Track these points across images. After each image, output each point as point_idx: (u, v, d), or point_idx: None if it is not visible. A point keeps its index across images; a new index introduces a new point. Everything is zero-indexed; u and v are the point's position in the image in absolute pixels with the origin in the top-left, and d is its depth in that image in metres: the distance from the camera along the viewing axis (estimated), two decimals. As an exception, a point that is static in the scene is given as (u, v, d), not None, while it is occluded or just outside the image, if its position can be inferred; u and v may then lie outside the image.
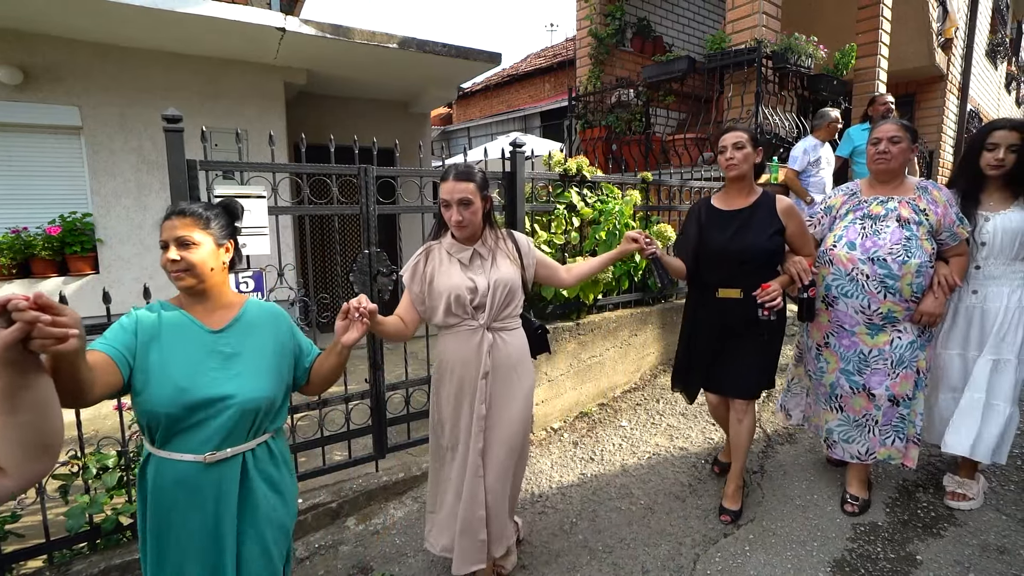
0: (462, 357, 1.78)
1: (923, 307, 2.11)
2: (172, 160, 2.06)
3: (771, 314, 2.07)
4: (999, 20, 10.02)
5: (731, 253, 2.15)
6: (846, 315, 2.20)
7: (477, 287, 1.76)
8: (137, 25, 4.01)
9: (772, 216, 2.17)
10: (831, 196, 2.36)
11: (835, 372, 2.28)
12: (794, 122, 5.22)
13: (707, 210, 2.28)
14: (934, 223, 2.09)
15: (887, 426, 2.22)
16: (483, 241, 1.84)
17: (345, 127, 6.01)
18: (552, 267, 2.02)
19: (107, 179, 4.45)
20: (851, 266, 2.14)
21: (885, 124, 2.17)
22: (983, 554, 2.11)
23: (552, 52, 13.32)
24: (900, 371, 2.16)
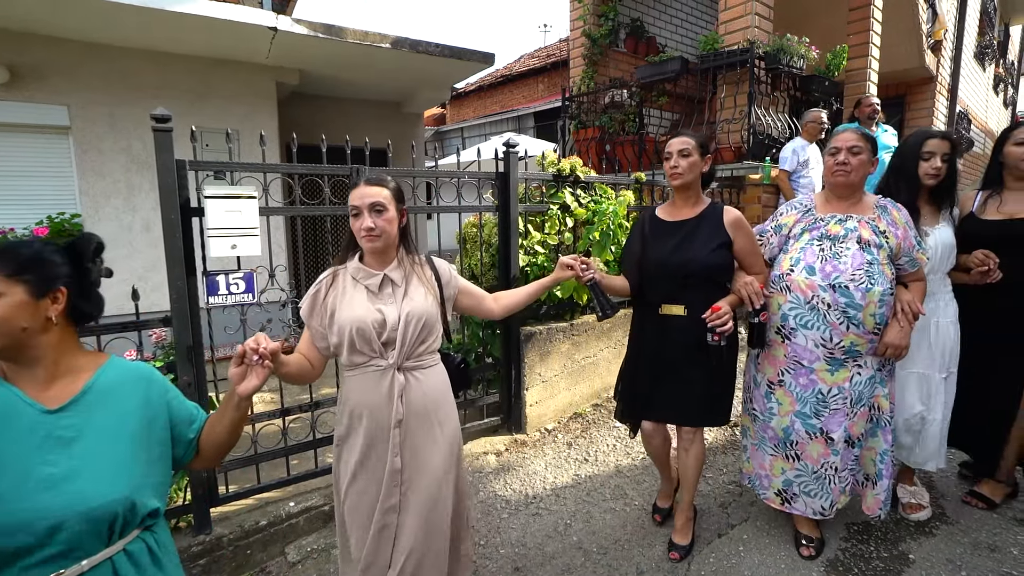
0: (370, 403, 1.51)
1: (888, 339, 1.88)
2: (161, 160, 2.03)
3: (721, 339, 1.87)
4: (987, 22, 10.13)
5: (672, 267, 1.97)
6: (805, 349, 1.95)
7: (386, 319, 1.50)
8: (126, 24, 3.97)
9: (718, 228, 1.98)
10: (782, 213, 2.13)
11: (789, 415, 2.01)
12: (786, 123, 5.24)
13: (651, 221, 2.11)
14: (894, 247, 1.90)
15: (845, 471, 2.00)
16: (397, 265, 1.59)
17: (338, 127, 5.98)
18: (477, 296, 1.79)
19: (96, 179, 4.41)
20: (811, 293, 1.90)
21: (844, 132, 1.97)
22: (974, 552, 2.12)
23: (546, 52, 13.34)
24: (858, 409, 1.96)
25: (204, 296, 2.18)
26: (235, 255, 2.20)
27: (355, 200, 1.52)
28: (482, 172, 2.95)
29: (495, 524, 2.45)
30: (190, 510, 2.19)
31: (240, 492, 2.36)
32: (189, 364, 2.13)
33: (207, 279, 2.18)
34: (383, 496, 1.51)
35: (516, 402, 3.15)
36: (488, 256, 3.13)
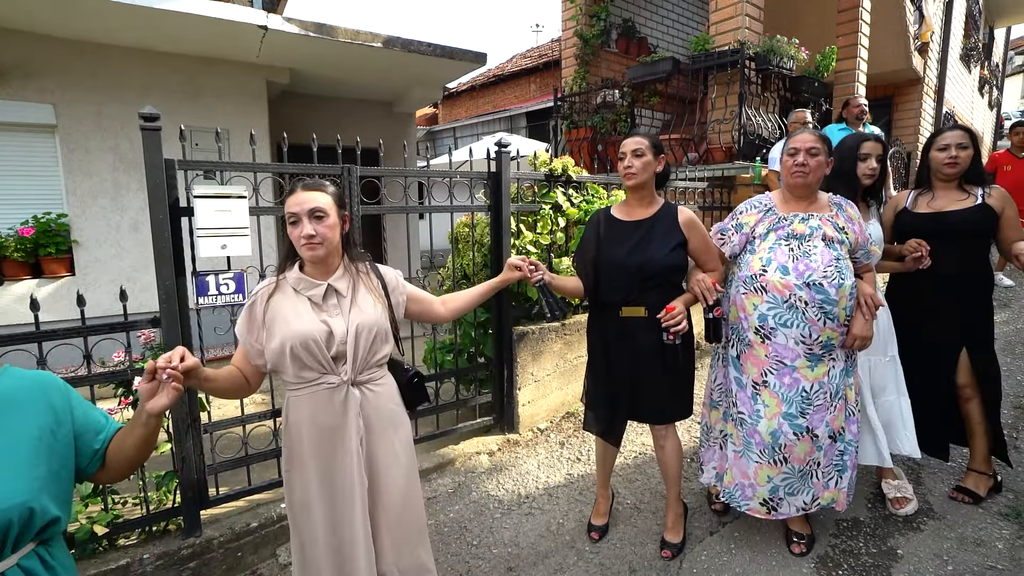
0: (326, 422, 1.43)
1: (856, 331, 1.96)
2: (149, 159, 2.01)
3: (676, 338, 1.91)
4: (972, 25, 10.27)
5: (631, 267, 1.96)
6: (786, 348, 1.96)
7: (333, 332, 1.42)
8: (113, 21, 3.92)
9: (674, 228, 2.00)
10: (742, 211, 2.16)
11: (776, 417, 1.98)
12: (776, 123, 5.28)
13: (607, 221, 2.09)
14: (853, 242, 1.99)
15: (829, 466, 2.04)
16: (341, 273, 1.51)
17: (329, 127, 5.95)
18: (425, 301, 1.74)
19: (83, 179, 4.36)
20: (788, 292, 1.93)
21: (802, 134, 2.00)
22: (961, 547, 2.15)
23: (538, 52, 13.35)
24: (836, 403, 2.00)
25: (193, 297, 2.16)
26: (225, 255, 2.18)
27: (293, 207, 1.43)
28: (474, 172, 2.95)
29: (488, 524, 2.45)
30: (179, 513, 2.17)
31: (231, 494, 2.34)
32: (178, 365, 2.11)
33: (196, 279, 2.16)
34: (352, 517, 1.43)
35: (509, 402, 3.16)
36: (480, 256, 3.14)
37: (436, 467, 2.83)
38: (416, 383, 1.69)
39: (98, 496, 2.01)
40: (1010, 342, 3.97)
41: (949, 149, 2.28)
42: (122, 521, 2.06)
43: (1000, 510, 2.35)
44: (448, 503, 2.61)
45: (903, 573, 2.03)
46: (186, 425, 2.13)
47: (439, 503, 2.61)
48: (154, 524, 2.16)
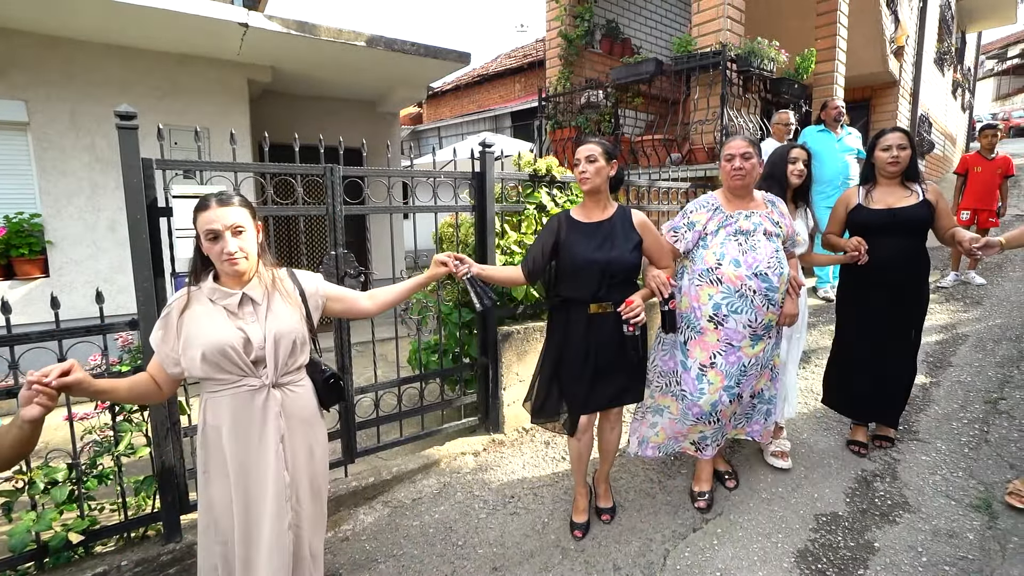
0: (243, 425, 1.45)
1: (786, 310, 2.29)
2: (126, 159, 1.97)
3: (636, 329, 2.06)
4: (945, 30, 10.52)
5: (599, 265, 2.07)
6: (735, 332, 2.21)
7: (250, 339, 1.44)
8: (88, 16, 3.84)
9: (631, 230, 2.15)
10: (692, 211, 2.35)
11: (718, 391, 2.24)
12: (758, 124, 5.36)
13: (568, 223, 2.18)
14: (785, 234, 2.28)
15: (740, 416, 2.42)
16: (256, 281, 1.52)
17: (312, 126, 5.89)
18: (349, 299, 1.78)
19: (57, 178, 4.25)
20: (739, 283, 2.17)
21: (735, 141, 2.24)
22: (935, 539, 2.21)
23: (522, 53, 13.36)
24: (763, 372, 2.34)
25: (173, 298, 2.12)
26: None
27: (212, 223, 1.42)
28: (458, 172, 2.95)
29: (473, 524, 2.45)
30: (159, 518, 2.13)
31: (212, 498, 2.31)
32: (157, 368, 2.08)
33: (176, 280, 2.13)
34: (276, 514, 1.47)
35: (494, 402, 3.16)
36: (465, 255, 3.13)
37: (421, 468, 2.82)
38: (332, 383, 1.71)
39: (73, 502, 1.97)
40: (981, 339, 4.08)
41: (891, 149, 2.55)
42: (99, 527, 2.02)
43: (971, 502, 2.42)
44: (433, 504, 2.61)
45: (880, 566, 2.08)
46: (165, 428, 2.10)
47: (424, 504, 2.61)
48: (132, 530, 2.12)
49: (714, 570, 2.10)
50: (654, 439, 2.49)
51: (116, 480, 2.06)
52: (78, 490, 1.99)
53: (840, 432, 3.08)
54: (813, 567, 2.09)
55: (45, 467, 1.96)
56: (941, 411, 3.21)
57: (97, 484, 2.04)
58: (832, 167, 4.94)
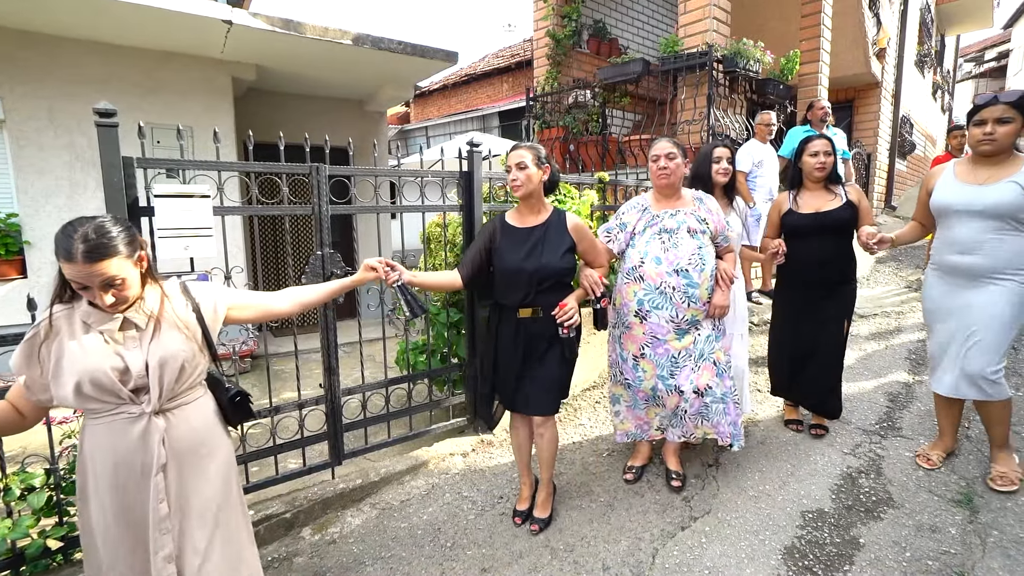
0: (122, 451, 1.33)
1: (715, 301, 2.34)
2: (105, 157, 1.93)
3: (570, 331, 2.11)
4: (925, 33, 10.71)
5: (527, 272, 2.12)
6: (658, 326, 2.33)
7: (129, 367, 1.32)
8: (66, 11, 3.76)
9: (564, 234, 2.18)
10: (624, 212, 2.47)
11: (653, 378, 2.39)
12: (744, 124, 5.41)
13: (502, 227, 2.23)
14: (713, 230, 2.36)
15: (696, 415, 2.43)
16: (139, 304, 1.38)
17: (298, 125, 5.83)
18: (259, 304, 1.64)
19: (36, 177, 4.16)
20: (660, 280, 2.29)
21: (660, 142, 2.33)
22: (918, 533, 2.24)
23: (510, 52, 13.35)
24: (701, 364, 2.37)
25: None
26: (188, 256, 2.11)
27: (79, 278, 1.25)
28: (446, 171, 2.93)
29: (462, 525, 2.44)
30: (141, 523, 2.09)
31: (196, 503, 2.27)
32: (139, 371, 2.04)
33: (157, 281, 2.09)
34: (153, 547, 1.35)
35: (482, 402, 3.15)
36: (453, 256, 3.12)
37: (409, 469, 2.81)
38: (239, 402, 1.59)
39: (53, 509, 1.92)
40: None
41: (819, 155, 2.71)
42: (78, 534, 1.97)
43: (953, 497, 2.45)
44: (422, 505, 2.59)
45: (865, 561, 2.10)
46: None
47: (412, 505, 2.59)
48: (114, 536, 2.08)
49: (703, 568, 2.11)
50: (621, 426, 2.63)
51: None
52: (57, 496, 1.94)
53: (825, 429, 3.12)
54: (800, 564, 2.11)
55: (22, 473, 1.92)
56: (924, 408, 3.26)
57: (76, 490, 2.00)
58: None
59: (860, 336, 4.53)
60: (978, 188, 2.24)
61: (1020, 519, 2.29)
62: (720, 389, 2.41)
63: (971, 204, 2.24)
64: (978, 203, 2.22)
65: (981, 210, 2.22)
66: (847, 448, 2.92)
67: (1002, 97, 2.18)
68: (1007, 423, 2.43)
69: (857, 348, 4.30)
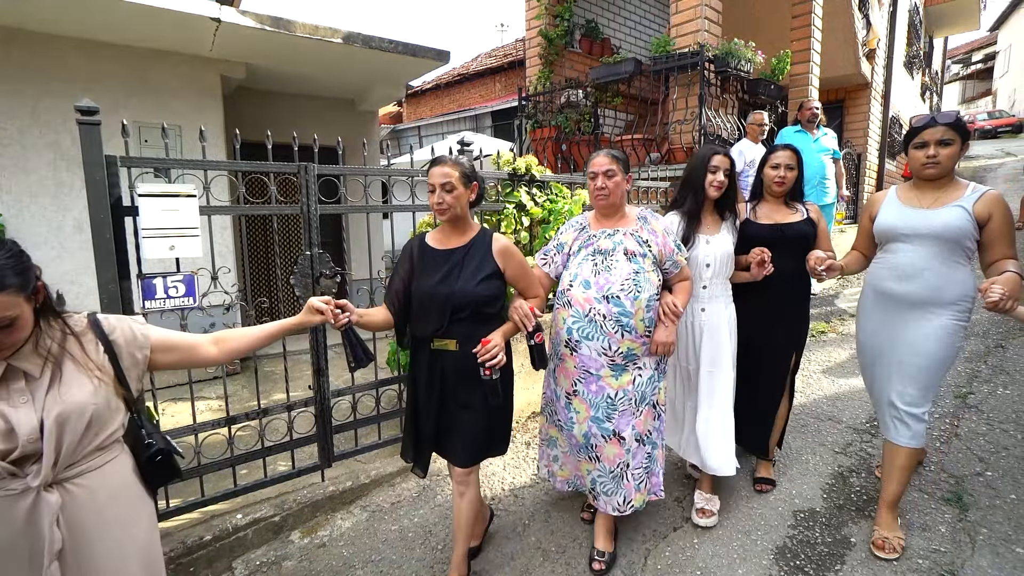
0: (6, 539, 1.09)
1: (657, 338, 2.03)
2: (88, 156, 1.90)
3: (493, 373, 1.80)
4: (914, 34, 10.81)
5: (439, 299, 1.85)
6: (590, 358, 2.03)
7: (15, 429, 1.07)
8: (50, 7, 3.70)
9: (487, 258, 1.91)
10: (563, 232, 2.21)
11: (586, 421, 2.06)
12: (735, 124, 5.42)
13: (420, 250, 1.96)
14: (656, 254, 2.05)
15: (639, 468, 2.08)
16: (32, 349, 1.15)
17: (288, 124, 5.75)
18: (185, 346, 1.40)
19: (19, 176, 4.09)
20: (588, 306, 2.00)
21: (598, 157, 2.06)
22: (908, 532, 2.24)
23: (503, 52, 13.34)
24: (643, 408, 2.06)
25: (140, 300, 2.05)
26: (174, 257, 2.08)
27: None
28: (437, 171, 2.90)
29: (452, 528, 2.42)
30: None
31: (182, 506, 2.25)
32: (123, 373, 2.00)
33: (143, 282, 2.06)
34: None
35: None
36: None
37: (400, 471, 2.78)
38: (160, 461, 1.34)
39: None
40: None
41: (780, 168, 2.43)
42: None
43: (943, 495, 2.47)
44: (413, 507, 2.57)
45: (856, 560, 2.10)
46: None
47: (403, 507, 2.57)
48: (98, 542, 2.04)
49: (695, 568, 2.10)
50: (560, 472, 2.29)
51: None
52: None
53: (816, 430, 3.13)
54: (792, 563, 2.11)
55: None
56: (913, 406, 3.28)
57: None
58: (809, 167, 5.03)
59: (850, 335, 4.56)
60: (925, 212, 2.09)
61: (1008, 517, 2.31)
62: (656, 435, 2.14)
63: (918, 228, 2.09)
64: (925, 227, 2.07)
65: (928, 234, 2.06)
66: (838, 447, 2.93)
67: (940, 118, 2.03)
68: (907, 481, 2.18)
69: (848, 347, 4.32)
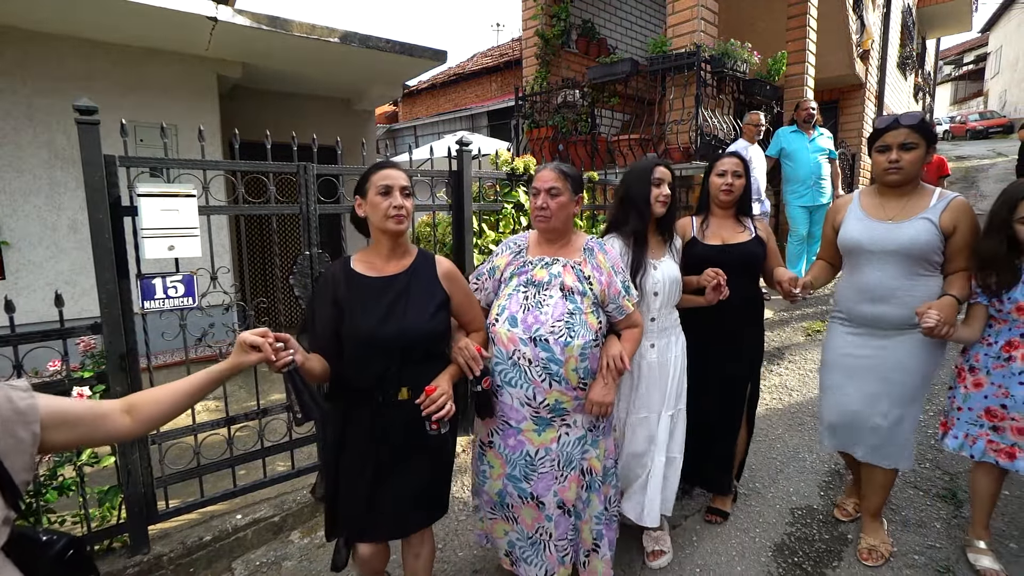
0: None
1: (592, 396, 1.70)
2: (86, 156, 1.89)
3: (441, 427, 1.52)
4: (907, 35, 10.89)
5: (386, 340, 1.51)
6: (511, 407, 1.73)
7: None
8: (45, 5, 3.67)
9: (434, 284, 1.63)
10: (498, 253, 1.87)
11: (501, 478, 1.79)
12: (732, 124, 5.45)
13: (347, 280, 1.58)
14: (598, 293, 1.73)
15: (563, 540, 1.78)
16: None
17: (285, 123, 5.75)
18: (91, 420, 1.03)
19: (13, 176, 4.07)
20: (512, 347, 1.68)
21: (543, 171, 1.77)
22: (904, 529, 2.27)
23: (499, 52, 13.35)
24: (568, 473, 1.75)
25: (139, 300, 2.04)
26: (173, 257, 2.07)
27: None
28: (435, 171, 2.91)
29: (452, 527, 2.42)
30: (124, 529, 2.06)
31: (181, 507, 2.24)
32: (122, 373, 2.00)
33: (141, 282, 2.05)
34: None
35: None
36: (443, 255, 3.10)
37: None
38: (71, 558, 1.01)
39: (31, 516, 1.88)
40: (945, 333, 4.22)
41: (726, 175, 2.23)
42: (60, 541, 1.93)
43: (938, 492, 2.49)
44: (413, 507, 2.57)
45: (853, 556, 2.12)
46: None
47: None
48: (96, 543, 2.04)
49: (694, 566, 2.12)
50: (480, 525, 1.98)
51: (78, 491, 1.97)
52: (36, 503, 1.89)
53: (813, 428, 3.15)
54: (790, 560, 2.12)
55: None
56: (908, 404, 3.31)
57: (57, 496, 1.95)
58: (805, 167, 5.10)
59: (846, 334, 4.60)
60: (890, 226, 1.95)
61: (1002, 512, 2.33)
62: (593, 511, 1.82)
63: (884, 244, 1.94)
64: (891, 243, 1.93)
65: (895, 250, 1.92)
66: (834, 445, 2.95)
67: (904, 120, 1.89)
68: (887, 492, 2.15)
69: (843, 346, 4.36)
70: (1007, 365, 1.90)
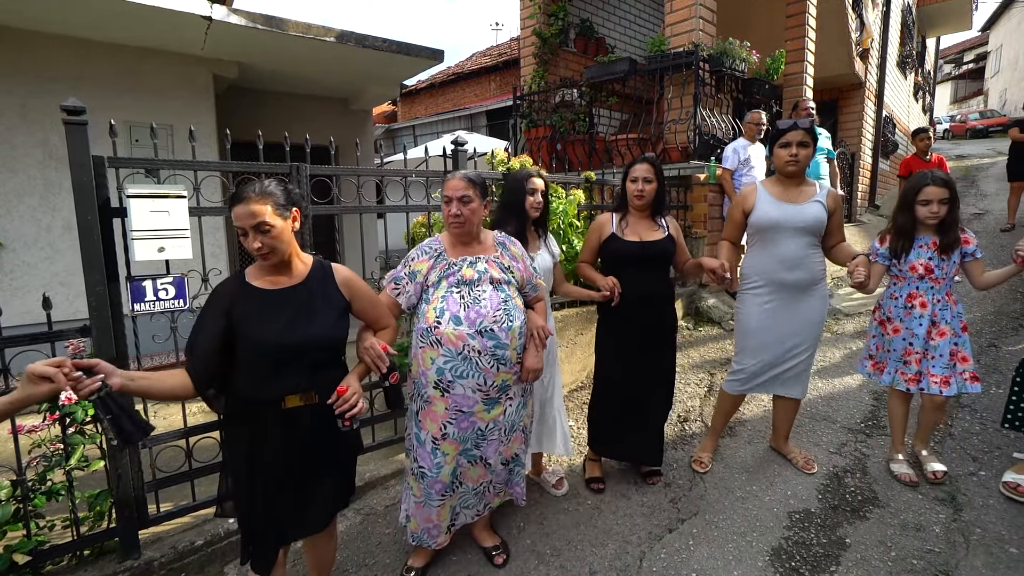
0: None
1: (528, 364, 1.98)
2: (74, 156, 1.87)
3: (354, 423, 1.63)
4: (907, 34, 10.86)
5: (292, 348, 1.55)
6: (464, 397, 1.89)
7: None
8: (38, 4, 3.65)
9: (333, 291, 1.69)
10: (414, 258, 2.00)
11: (455, 459, 1.96)
12: (730, 124, 5.42)
13: (244, 294, 1.60)
14: (519, 279, 2.03)
15: (500, 483, 2.13)
16: None
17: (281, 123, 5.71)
18: None
19: (7, 176, 4.05)
20: (461, 344, 1.85)
21: (452, 181, 1.93)
22: (903, 532, 2.25)
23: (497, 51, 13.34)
24: (511, 436, 2.04)
25: (129, 303, 2.02)
26: (163, 259, 2.05)
27: None
28: (430, 171, 2.89)
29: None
30: (115, 534, 2.03)
31: (173, 511, 2.22)
32: (111, 377, 1.97)
33: (132, 284, 2.03)
34: None
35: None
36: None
37: (394, 473, 2.76)
38: None
39: (19, 521, 1.85)
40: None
41: (638, 182, 2.48)
42: (48, 547, 1.91)
43: (938, 496, 2.47)
44: (407, 510, 2.55)
45: (851, 561, 2.10)
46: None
47: (397, 510, 2.54)
48: (86, 547, 2.01)
49: (690, 571, 2.10)
50: (411, 525, 2.06)
51: (68, 496, 1.95)
52: (24, 508, 1.87)
53: (811, 430, 3.13)
54: (787, 565, 2.10)
55: (-12, 484, 1.84)
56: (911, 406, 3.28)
57: (46, 501, 1.93)
58: (803, 167, 5.05)
59: (845, 334, 4.57)
60: (797, 207, 2.46)
61: (1002, 516, 2.31)
62: (524, 456, 2.18)
63: (795, 222, 2.44)
64: (800, 220, 2.44)
65: (803, 226, 2.44)
66: (833, 447, 2.93)
67: (800, 123, 2.42)
68: (795, 416, 2.80)
69: (842, 346, 4.33)
70: (911, 312, 2.49)
